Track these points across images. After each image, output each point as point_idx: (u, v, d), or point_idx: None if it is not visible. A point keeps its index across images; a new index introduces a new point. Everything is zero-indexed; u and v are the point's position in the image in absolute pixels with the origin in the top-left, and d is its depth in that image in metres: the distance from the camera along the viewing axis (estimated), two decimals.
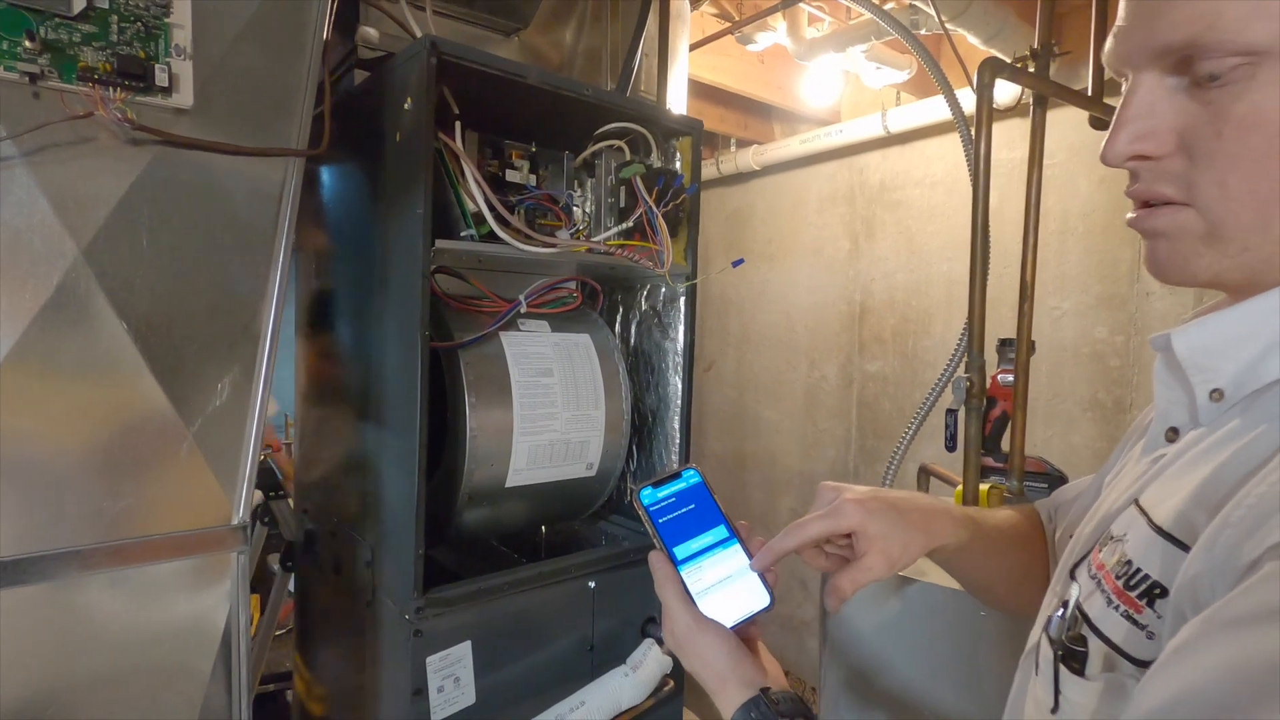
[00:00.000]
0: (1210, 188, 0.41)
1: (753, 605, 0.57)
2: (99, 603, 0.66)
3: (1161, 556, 0.40)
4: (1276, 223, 0.40)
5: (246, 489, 0.70)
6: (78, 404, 0.64)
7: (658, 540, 0.57)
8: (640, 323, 1.25)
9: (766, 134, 3.20)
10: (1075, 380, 2.19)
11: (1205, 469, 0.41)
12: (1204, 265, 0.43)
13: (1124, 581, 0.42)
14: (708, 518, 0.60)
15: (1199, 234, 0.43)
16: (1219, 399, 0.43)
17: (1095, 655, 0.42)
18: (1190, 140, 0.42)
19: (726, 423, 3.42)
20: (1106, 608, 0.43)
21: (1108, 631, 0.42)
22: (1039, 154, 1.34)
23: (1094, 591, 0.45)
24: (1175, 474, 0.44)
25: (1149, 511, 0.43)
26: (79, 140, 0.63)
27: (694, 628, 0.55)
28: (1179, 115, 0.42)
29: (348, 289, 1.13)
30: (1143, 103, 0.43)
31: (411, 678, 0.89)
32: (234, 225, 0.73)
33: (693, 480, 0.61)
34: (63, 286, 0.62)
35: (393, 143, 0.92)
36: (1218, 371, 0.43)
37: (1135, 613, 0.41)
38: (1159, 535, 0.41)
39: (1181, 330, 0.46)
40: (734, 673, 0.54)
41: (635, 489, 0.59)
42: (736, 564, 0.58)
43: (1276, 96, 0.38)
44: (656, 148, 1.11)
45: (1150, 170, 0.44)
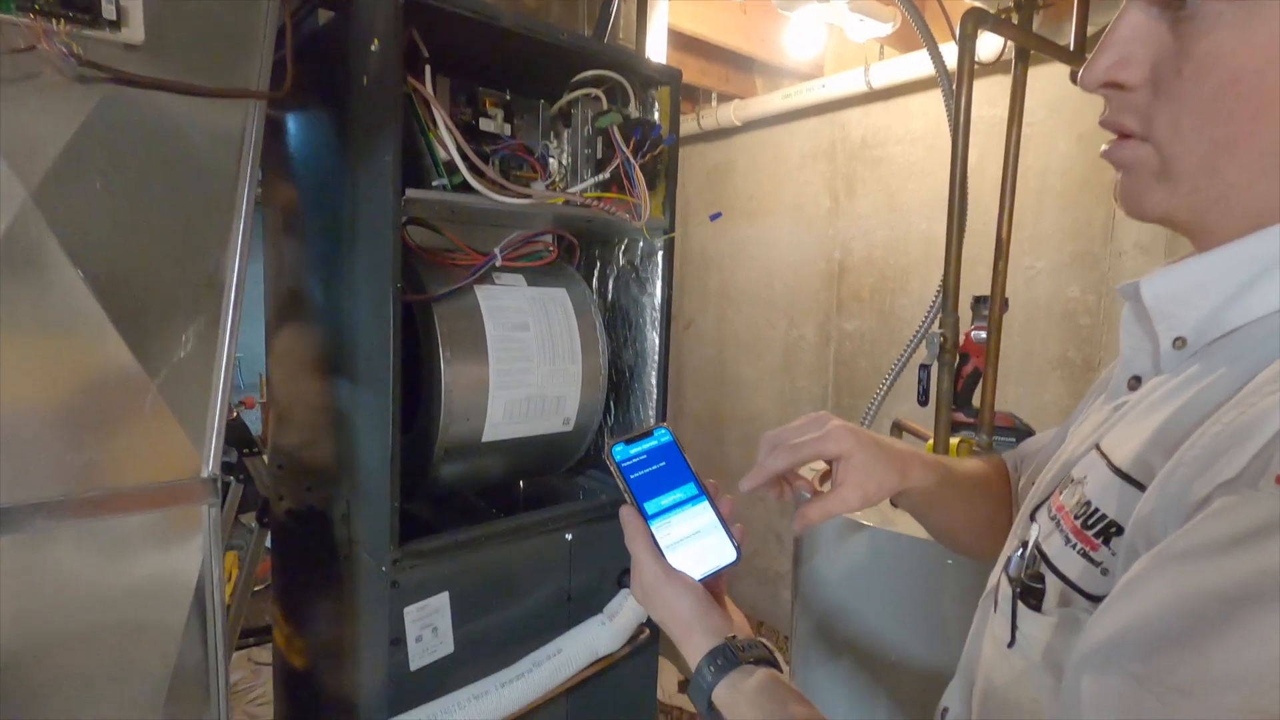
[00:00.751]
0: (1165, 125, 0.41)
1: (720, 559, 0.58)
2: (67, 557, 0.65)
3: (1119, 496, 0.41)
4: (1225, 167, 0.40)
5: (216, 442, 0.69)
6: (34, 355, 0.62)
7: (629, 495, 0.58)
8: (618, 278, 1.23)
9: (748, 88, 3.14)
10: (1047, 338, 2.23)
11: (1164, 413, 0.41)
12: (1155, 201, 0.44)
13: (1082, 521, 0.43)
14: (678, 475, 0.61)
15: (1153, 169, 0.43)
16: (1181, 346, 0.44)
17: (1052, 591, 0.44)
18: (1157, 74, 0.41)
19: (705, 381, 3.44)
20: (1064, 546, 0.44)
21: (1064, 569, 0.43)
22: (1019, 110, 1.34)
23: (1053, 531, 0.46)
24: (1135, 418, 0.45)
25: (1109, 454, 0.44)
26: (22, 77, 0.60)
27: (662, 579, 0.56)
28: (1155, 46, 0.41)
29: (317, 242, 1.10)
30: (1127, 29, 0.42)
31: (390, 628, 0.90)
32: (193, 171, 0.70)
33: (664, 439, 0.62)
34: (11, 232, 0.60)
35: (359, 87, 0.89)
36: (1181, 319, 0.44)
37: (1091, 550, 0.42)
38: (1117, 476, 0.42)
39: (1149, 278, 0.46)
40: (700, 622, 0.55)
41: (607, 445, 0.59)
42: (705, 520, 0.59)
43: (1237, 39, 0.38)
44: (635, 97, 1.09)
45: (1119, 100, 0.44)
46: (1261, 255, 0.40)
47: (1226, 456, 0.34)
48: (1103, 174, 2.09)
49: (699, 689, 0.53)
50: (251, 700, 2.33)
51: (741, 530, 0.61)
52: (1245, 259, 0.41)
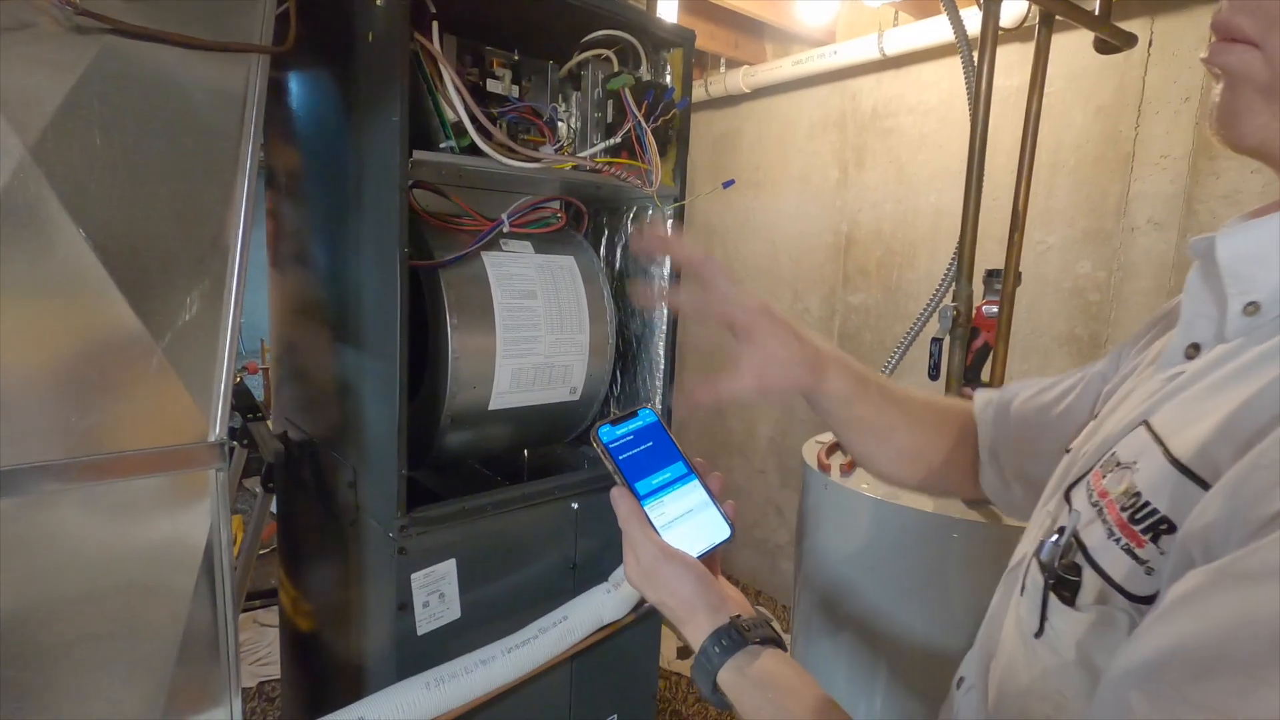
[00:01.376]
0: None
1: (714, 537, 0.58)
2: (74, 519, 0.65)
3: (1174, 491, 0.37)
4: None
5: (222, 406, 0.68)
6: (36, 315, 0.61)
7: (619, 476, 0.57)
8: (625, 246, 1.22)
9: (758, 54, 3.07)
10: (1054, 314, 2.21)
11: (1234, 396, 0.37)
12: (1256, 125, 0.39)
13: (1130, 514, 0.39)
14: (666, 455, 0.60)
15: (1259, 84, 0.38)
16: (1254, 312, 0.39)
17: (1089, 586, 0.40)
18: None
19: (709, 354, 3.43)
20: (1106, 539, 0.40)
21: (1105, 565, 0.40)
22: (1040, 79, 1.30)
23: (1094, 520, 0.42)
24: (1196, 397, 0.40)
25: (1165, 440, 0.40)
26: (16, 26, 0.58)
27: (661, 558, 0.54)
28: None
29: (321, 205, 1.08)
30: None
31: (397, 593, 0.90)
32: (195, 127, 0.68)
33: (649, 419, 0.61)
34: (10, 188, 0.58)
35: (364, 44, 0.86)
36: (1258, 281, 0.39)
37: (1137, 547, 0.38)
38: (1175, 468, 0.38)
39: (1227, 233, 0.41)
40: (702, 600, 0.53)
41: (593, 428, 0.58)
42: (696, 498, 0.59)
43: None
44: (646, 59, 1.06)
45: None
46: None
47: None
48: (1118, 148, 2.05)
49: (704, 670, 0.52)
50: (256, 660, 2.36)
51: (733, 507, 0.60)
52: None
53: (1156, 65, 1.91)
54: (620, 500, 0.57)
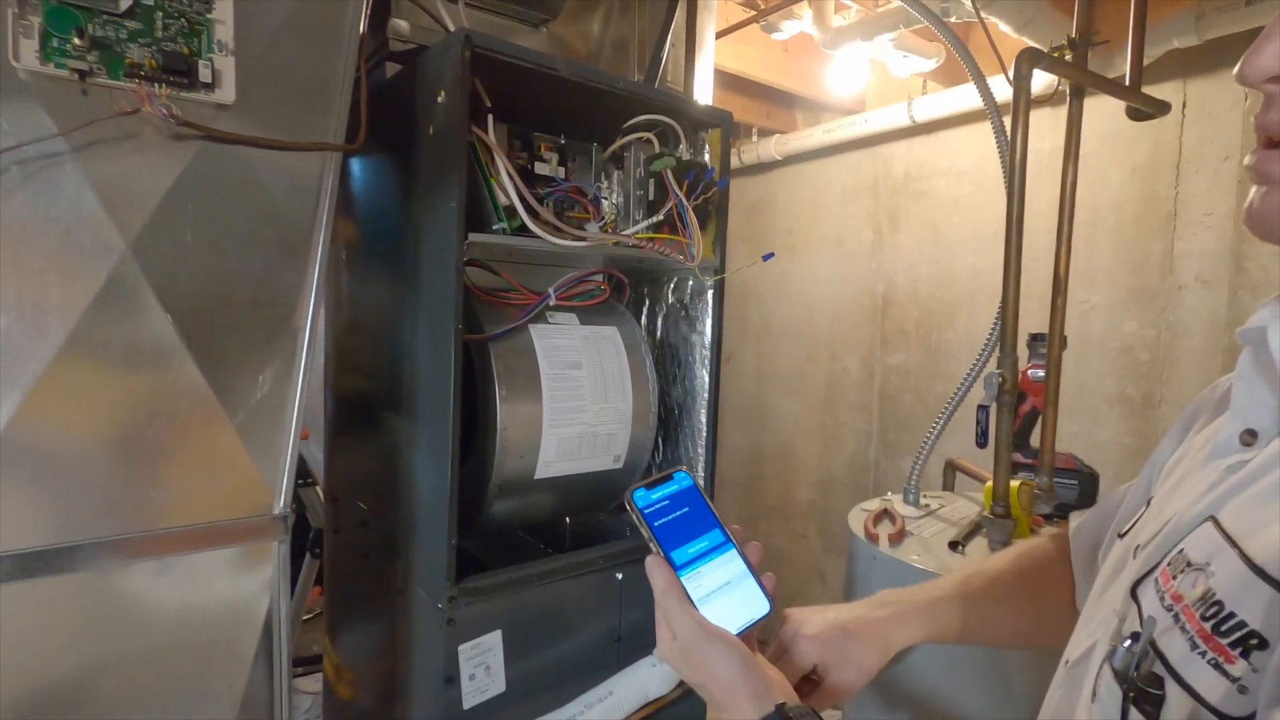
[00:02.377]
0: None
1: (754, 612, 0.55)
2: (146, 588, 0.68)
3: (1261, 602, 0.35)
4: None
5: (288, 480, 0.71)
6: (126, 396, 0.65)
7: (654, 544, 0.54)
8: (667, 316, 1.25)
9: (789, 123, 3.17)
10: (1102, 375, 2.16)
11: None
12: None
13: (1213, 625, 0.37)
14: (702, 521, 0.57)
15: None
16: None
17: (1175, 703, 0.37)
18: None
19: (745, 414, 3.41)
20: (1190, 652, 0.37)
21: (1192, 681, 0.37)
22: (1075, 145, 1.32)
23: (1172, 627, 0.39)
24: (1267, 494, 0.38)
25: (1239, 541, 0.38)
26: (125, 136, 0.64)
27: (702, 636, 0.51)
28: None
29: (380, 281, 1.13)
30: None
31: (444, 665, 0.90)
32: (274, 219, 0.74)
33: (685, 483, 0.58)
34: (112, 280, 0.64)
35: (426, 136, 0.93)
36: None
37: (1227, 663, 0.36)
38: (1257, 576, 0.36)
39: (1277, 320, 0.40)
40: (746, 685, 0.50)
41: (628, 491, 0.56)
42: (734, 570, 0.56)
43: None
44: (685, 139, 1.11)
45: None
46: None
47: None
48: (1158, 207, 2.04)
49: None
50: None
51: (772, 580, 0.57)
52: None
53: (1193, 126, 1.91)
54: (656, 570, 0.54)
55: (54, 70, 0.60)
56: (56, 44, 0.60)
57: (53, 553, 0.62)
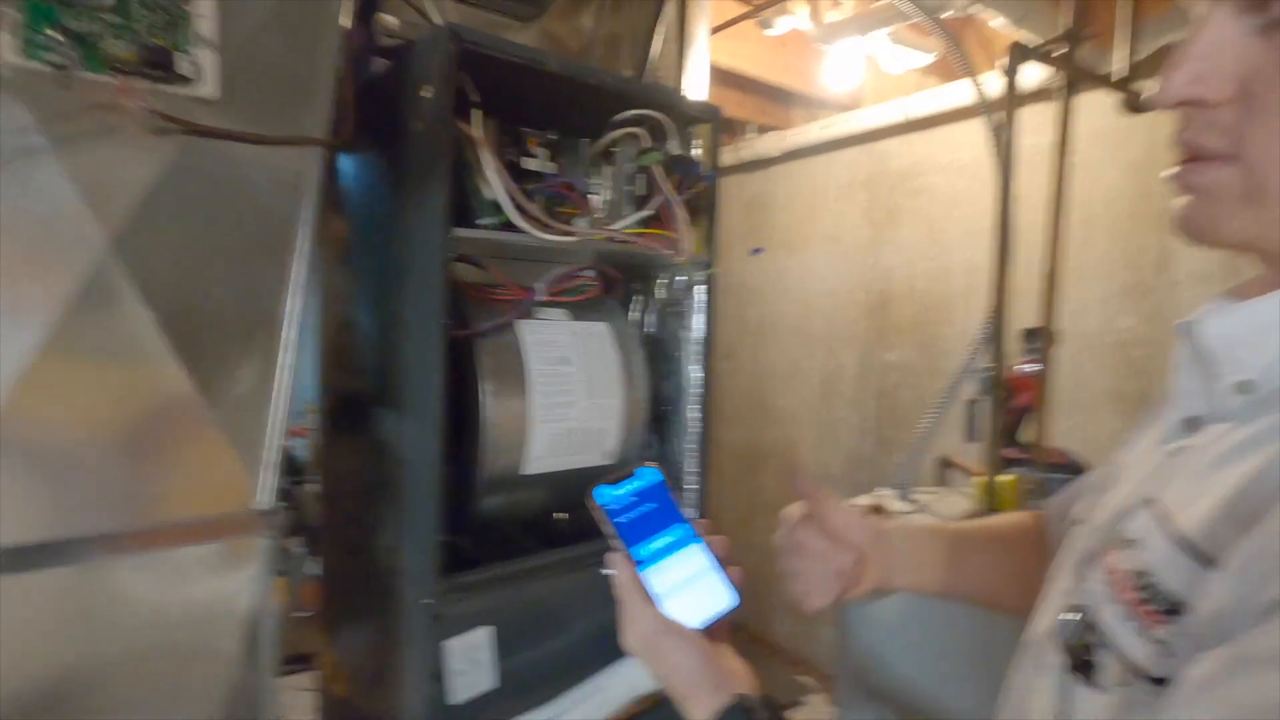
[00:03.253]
0: (1259, 143, 0.38)
1: (717, 605, 0.55)
2: (128, 584, 0.68)
3: (1183, 571, 0.38)
4: None
5: (272, 474, 0.71)
6: (108, 391, 0.65)
7: (616, 541, 0.55)
8: (658, 311, 1.24)
9: (786, 120, 3.16)
10: (1097, 370, 2.16)
11: (1233, 474, 0.38)
12: (1237, 227, 0.40)
13: (1142, 595, 0.40)
14: (667, 517, 0.57)
15: (1237, 193, 0.40)
16: (1246, 392, 0.41)
17: (1110, 668, 0.40)
18: (1250, 88, 0.38)
19: (742, 411, 3.41)
20: (1122, 620, 0.40)
21: (1123, 646, 0.40)
22: (1066, 141, 1.32)
23: (1108, 600, 0.42)
24: (1197, 474, 0.41)
25: (1170, 518, 0.41)
26: (106, 131, 0.64)
27: (661, 630, 0.52)
28: (1244, 60, 0.38)
29: (368, 278, 1.13)
30: (1209, 41, 0.39)
31: (432, 662, 0.90)
32: (258, 215, 0.74)
33: (651, 479, 0.59)
34: (92, 275, 0.64)
35: (412, 130, 0.92)
36: (1247, 363, 0.41)
37: (1152, 628, 0.38)
38: (1180, 548, 0.39)
39: (1209, 315, 0.43)
40: (704, 677, 0.51)
41: (589, 489, 0.56)
42: (699, 563, 0.56)
43: None
44: (675, 134, 1.11)
45: (1200, 118, 0.41)
46: None
47: None
48: (1151, 203, 2.04)
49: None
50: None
51: (740, 573, 0.58)
52: None
53: None
54: (618, 568, 0.55)
55: (32, 64, 0.60)
56: (35, 37, 0.60)
57: (34, 549, 0.62)
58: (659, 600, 0.54)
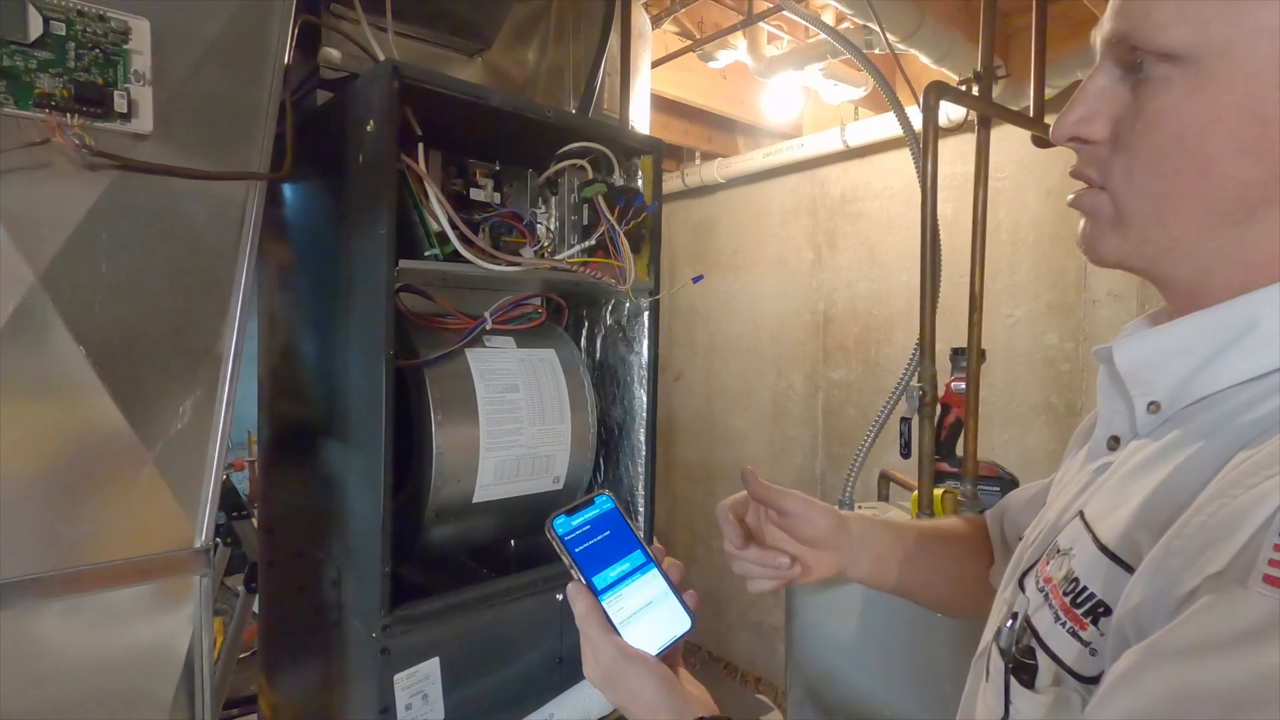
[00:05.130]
0: (1120, 176, 0.44)
1: (675, 629, 0.56)
2: (57, 630, 0.65)
3: (1105, 575, 0.41)
4: (1172, 220, 0.43)
5: (209, 512, 0.70)
6: (35, 429, 0.64)
7: (575, 571, 0.56)
8: (605, 337, 1.27)
9: (730, 147, 3.26)
10: (1029, 385, 2.27)
11: (1147, 485, 0.41)
12: (1110, 247, 0.46)
13: (1071, 599, 0.42)
14: (624, 543, 0.58)
15: (1109, 217, 0.46)
16: (1156, 411, 0.45)
17: (1044, 670, 0.43)
18: (1117, 130, 0.44)
19: (695, 432, 3.45)
20: (1054, 624, 0.43)
21: (1055, 648, 0.42)
22: (984, 171, 1.41)
23: (1042, 605, 0.45)
24: (1117, 486, 0.45)
25: (1093, 526, 0.44)
26: (35, 166, 0.63)
27: (621, 659, 0.53)
28: (1116, 105, 0.44)
29: (312, 306, 1.12)
30: (1094, 89, 0.45)
31: (379, 696, 0.89)
32: (195, 248, 0.73)
33: (606, 506, 0.60)
34: (19, 311, 0.62)
35: (356, 164, 0.93)
36: (1154, 385, 0.45)
37: (1081, 630, 0.41)
38: (1103, 554, 0.42)
39: (1122, 344, 0.47)
40: (665, 704, 0.52)
41: (548, 520, 0.57)
42: (655, 589, 0.57)
43: (1183, 102, 0.40)
44: (618, 166, 1.14)
45: (1085, 153, 0.47)
46: (1230, 325, 0.42)
47: (1213, 549, 0.34)
48: (1071, 227, 2.17)
49: None
50: None
51: (694, 596, 0.59)
52: (1215, 328, 0.42)
53: None
54: (577, 598, 0.56)
55: None
56: None
57: None
58: (618, 628, 0.54)
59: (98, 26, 0.65)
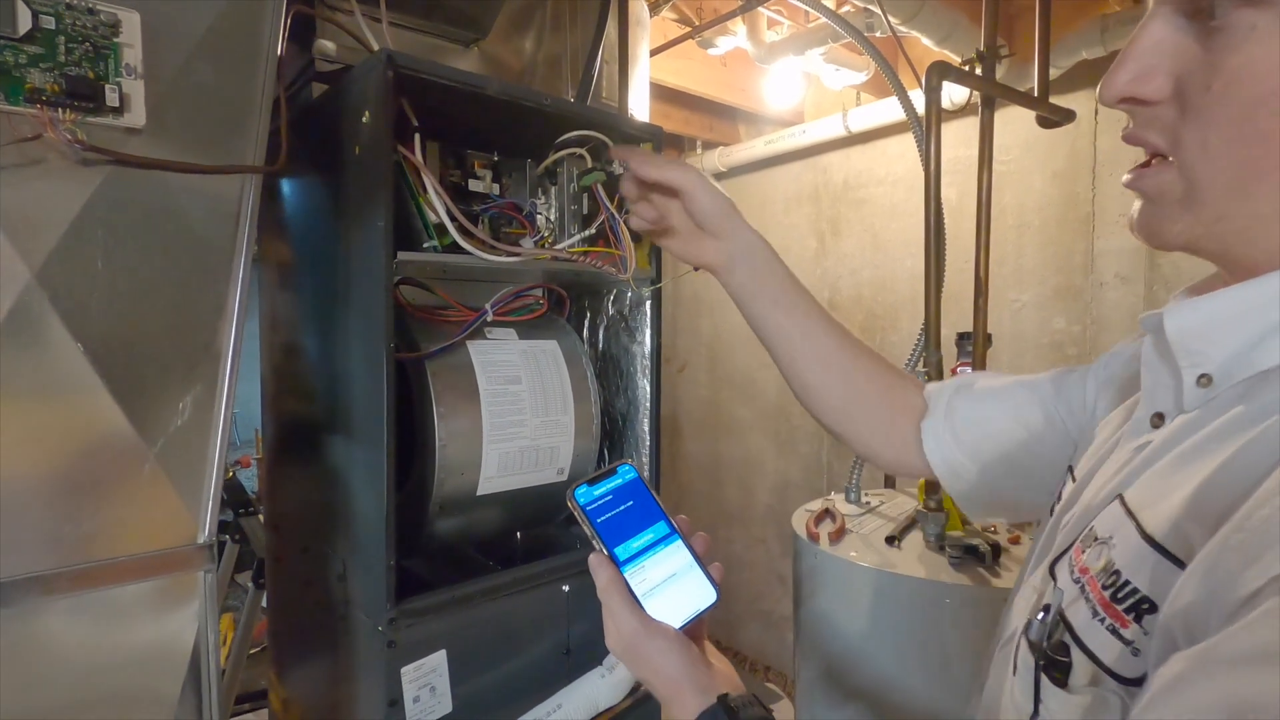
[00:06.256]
0: (1192, 144, 0.38)
1: (700, 602, 0.55)
2: (63, 629, 0.65)
3: (1152, 570, 0.37)
4: (1255, 193, 0.37)
5: (212, 507, 0.69)
6: (34, 428, 0.63)
7: (597, 541, 0.54)
8: (607, 327, 1.26)
9: (732, 136, 3.23)
10: (1037, 369, 2.24)
11: (1199, 471, 0.38)
12: (1178, 230, 0.41)
13: (1111, 593, 0.39)
14: (647, 514, 0.57)
15: (1177, 195, 0.40)
16: (1207, 384, 0.41)
17: (1079, 668, 0.40)
18: (1184, 89, 0.38)
19: (701, 423, 3.44)
20: (1091, 619, 0.40)
21: (1093, 646, 0.39)
22: (988, 153, 1.39)
23: (1078, 598, 0.41)
24: (1165, 470, 0.41)
25: (1137, 514, 0.40)
26: (28, 162, 0.63)
27: (643, 632, 0.52)
28: (1180, 59, 0.39)
29: (312, 302, 1.12)
30: (1149, 41, 0.40)
31: (386, 689, 0.89)
32: (192, 243, 0.73)
33: (629, 476, 0.58)
34: (15, 310, 0.62)
35: (352, 156, 0.92)
36: (1207, 356, 0.41)
37: (1122, 627, 0.38)
38: (1149, 546, 0.38)
39: (1173, 310, 0.43)
40: (688, 679, 0.51)
41: (570, 489, 0.56)
42: (680, 561, 0.56)
43: (1273, 54, 0.35)
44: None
45: (1143, 115, 0.41)
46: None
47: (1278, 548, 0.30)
48: (1077, 209, 2.15)
49: None
50: None
51: (719, 569, 0.57)
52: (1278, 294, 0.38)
53: (1105, 132, 2.02)
54: (599, 569, 0.54)
55: None
56: None
57: None
58: (641, 600, 0.53)
59: (88, 20, 0.65)
